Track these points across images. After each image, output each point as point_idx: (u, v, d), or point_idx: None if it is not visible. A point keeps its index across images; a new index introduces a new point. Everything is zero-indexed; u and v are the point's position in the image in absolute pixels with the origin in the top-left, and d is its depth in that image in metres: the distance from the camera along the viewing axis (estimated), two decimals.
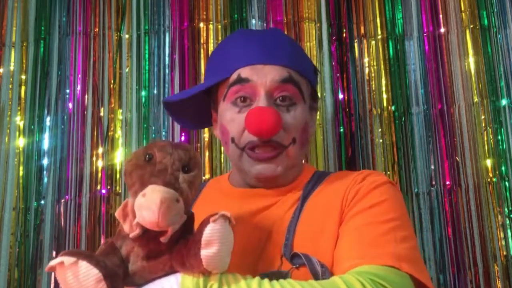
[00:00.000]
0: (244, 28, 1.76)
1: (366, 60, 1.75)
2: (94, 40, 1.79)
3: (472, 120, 1.67)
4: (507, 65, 1.69)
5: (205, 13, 1.79)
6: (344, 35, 1.76)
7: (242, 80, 1.01)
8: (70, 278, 0.72)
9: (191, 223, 0.83)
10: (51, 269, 0.74)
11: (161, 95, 1.75)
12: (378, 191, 0.97)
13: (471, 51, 1.71)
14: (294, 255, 0.91)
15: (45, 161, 1.70)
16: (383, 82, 1.73)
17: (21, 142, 1.71)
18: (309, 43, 1.75)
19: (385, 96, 1.72)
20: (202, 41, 1.78)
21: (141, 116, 1.73)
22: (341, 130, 1.70)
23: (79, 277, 0.72)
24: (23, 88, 1.75)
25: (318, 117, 1.63)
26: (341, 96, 1.72)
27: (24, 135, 1.72)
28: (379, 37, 1.76)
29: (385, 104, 1.71)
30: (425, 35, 1.75)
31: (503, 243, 1.58)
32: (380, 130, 1.70)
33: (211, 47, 1.77)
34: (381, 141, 1.69)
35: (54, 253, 1.63)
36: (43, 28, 1.79)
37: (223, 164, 1.69)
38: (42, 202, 1.67)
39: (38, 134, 1.71)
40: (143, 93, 1.75)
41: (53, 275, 1.62)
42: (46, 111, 1.73)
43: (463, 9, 1.74)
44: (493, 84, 1.68)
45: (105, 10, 1.80)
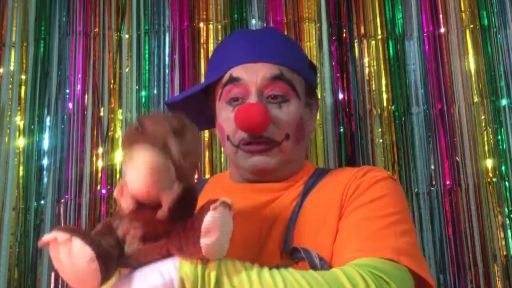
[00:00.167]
0: (244, 28, 1.76)
1: (366, 60, 1.75)
2: (94, 40, 1.78)
3: (472, 120, 1.67)
4: (507, 65, 1.69)
5: (205, 13, 1.79)
6: (344, 35, 1.76)
7: (234, 79, 1.02)
8: (62, 255, 0.71)
9: (190, 203, 0.80)
10: (44, 244, 0.72)
11: (161, 95, 1.75)
12: (378, 186, 0.97)
13: (471, 51, 1.71)
14: (293, 249, 0.91)
15: (45, 161, 1.70)
16: (383, 82, 1.73)
17: (21, 142, 1.71)
18: (309, 43, 1.75)
19: (385, 96, 1.72)
20: (202, 41, 1.78)
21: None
22: (341, 130, 1.70)
23: (72, 255, 0.70)
24: (23, 88, 1.75)
25: (318, 117, 1.63)
26: (341, 96, 1.72)
27: (24, 135, 1.72)
28: (379, 37, 1.76)
29: (385, 104, 1.71)
30: (425, 35, 1.75)
31: (503, 243, 1.58)
32: (380, 130, 1.70)
33: (211, 47, 1.77)
34: (381, 141, 1.69)
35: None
36: (43, 28, 1.79)
37: (223, 164, 1.68)
38: (42, 202, 1.67)
39: (38, 134, 1.71)
40: (143, 93, 1.75)
41: (53, 275, 1.62)
42: (46, 111, 1.73)
43: (463, 9, 1.74)
44: (493, 84, 1.68)
45: (105, 10, 1.80)
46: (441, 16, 1.75)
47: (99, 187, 1.69)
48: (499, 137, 1.65)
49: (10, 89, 1.74)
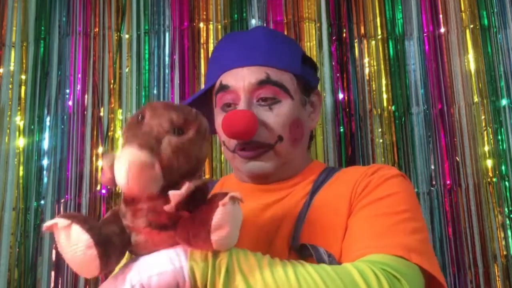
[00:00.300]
0: (244, 28, 1.76)
1: (366, 60, 1.75)
2: (94, 40, 1.79)
3: (472, 120, 1.67)
4: (507, 65, 1.69)
5: (205, 13, 1.79)
6: (344, 35, 1.76)
7: (223, 87, 1.02)
8: (62, 240, 0.72)
9: (199, 195, 0.78)
10: (48, 229, 0.73)
11: (161, 95, 1.75)
12: (388, 184, 0.96)
13: (471, 51, 1.71)
14: (301, 246, 0.91)
15: (45, 161, 1.70)
16: (383, 82, 1.73)
17: (21, 142, 1.71)
18: (309, 43, 1.75)
19: (385, 96, 1.72)
20: (202, 41, 1.78)
21: None
22: (341, 130, 1.70)
23: (71, 241, 0.71)
24: (23, 88, 1.75)
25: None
26: (341, 96, 1.72)
27: (24, 135, 1.72)
28: (379, 37, 1.76)
29: (385, 104, 1.71)
30: (425, 35, 1.75)
31: (503, 243, 1.58)
32: (380, 130, 1.70)
33: (211, 47, 1.77)
34: (381, 141, 1.69)
35: (54, 253, 1.64)
36: (43, 28, 1.79)
37: (223, 164, 1.69)
38: (42, 202, 1.67)
39: (38, 134, 1.71)
40: (143, 93, 1.75)
41: (53, 275, 1.62)
42: (46, 111, 1.73)
43: (463, 9, 1.74)
44: (493, 84, 1.68)
45: (105, 10, 1.80)
46: (441, 16, 1.75)
47: (99, 187, 1.69)
48: (499, 137, 1.65)
49: (10, 89, 1.74)
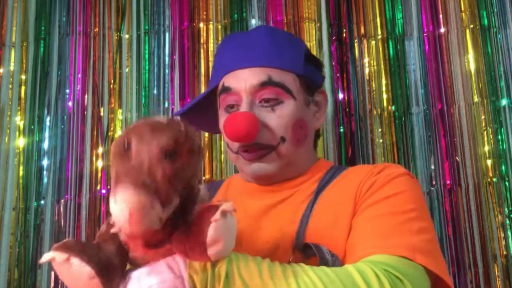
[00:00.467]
0: (244, 28, 1.76)
1: (366, 60, 1.75)
2: (94, 40, 1.79)
3: (472, 120, 1.67)
4: (507, 65, 1.69)
5: (205, 13, 1.79)
6: (344, 35, 1.76)
7: (226, 89, 1.02)
8: (63, 273, 0.73)
9: (189, 203, 0.77)
10: (43, 263, 0.74)
11: (161, 95, 1.75)
12: (394, 183, 0.95)
13: (471, 51, 1.71)
14: (305, 246, 0.91)
15: (45, 161, 1.70)
16: (383, 82, 1.73)
17: (21, 142, 1.71)
18: (309, 43, 1.75)
19: (385, 96, 1.72)
20: (202, 41, 1.78)
21: (141, 116, 1.73)
22: (341, 130, 1.70)
23: (72, 274, 0.72)
24: (23, 88, 1.75)
25: None
26: (341, 96, 1.72)
27: (24, 135, 1.72)
28: (379, 37, 1.76)
29: (385, 104, 1.71)
30: (425, 35, 1.75)
31: (503, 243, 1.58)
32: (380, 130, 1.70)
33: (211, 47, 1.77)
34: (381, 141, 1.69)
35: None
36: (43, 28, 1.79)
37: (223, 164, 1.68)
38: (42, 202, 1.67)
39: (38, 134, 1.72)
40: (143, 93, 1.75)
41: (53, 275, 1.62)
42: (46, 111, 1.73)
43: (463, 9, 1.74)
44: (493, 84, 1.68)
45: (105, 10, 1.80)
46: (441, 16, 1.75)
47: (99, 187, 1.69)
48: (499, 137, 1.65)
49: (10, 89, 1.74)
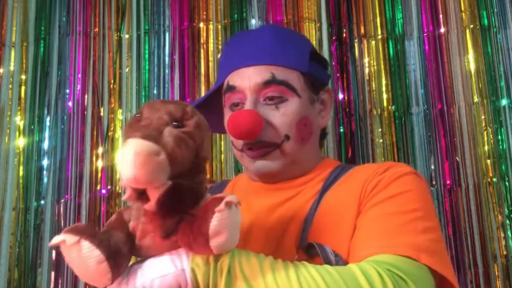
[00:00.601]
0: (244, 28, 1.76)
1: (366, 60, 1.75)
2: (94, 40, 1.79)
3: (472, 120, 1.67)
4: (507, 65, 1.69)
5: (205, 13, 1.79)
6: (344, 35, 1.76)
7: (230, 87, 1.02)
8: (72, 256, 0.73)
9: (188, 195, 0.78)
10: (54, 245, 0.74)
11: (161, 95, 1.75)
12: (400, 182, 0.94)
13: (471, 51, 1.71)
14: (309, 245, 0.90)
15: (45, 161, 1.70)
16: (383, 82, 1.73)
17: (21, 142, 1.71)
18: None
19: (385, 96, 1.72)
20: (202, 41, 1.78)
21: None
22: (341, 130, 1.70)
23: (81, 257, 0.72)
24: (23, 88, 1.75)
25: None
26: (341, 96, 1.72)
27: (24, 135, 1.72)
28: (379, 37, 1.76)
29: (385, 104, 1.71)
30: (425, 35, 1.75)
31: (503, 243, 1.58)
32: (380, 130, 1.70)
33: (211, 47, 1.77)
34: (381, 141, 1.69)
35: (54, 253, 1.64)
36: (43, 28, 1.79)
37: (223, 164, 1.69)
38: (42, 202, 1.67)
39: (38, 134, 1.72)
40: (143, 93, 1.75)
41: (53, 274, 1.62)
42: (46, 111, 1.73)
43: (463, 9, 1.74)
44: (493, 84, 1.68)
45: (105, 10, 1.81)
46: (441, 16, 1.75)
47: (99, 187, 1.69)
48: (499, 137, 1.65)
49: (10, 89, 1.75)
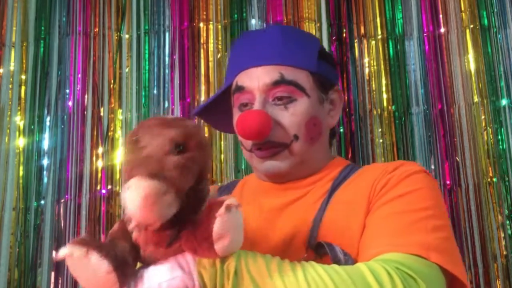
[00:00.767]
0: (244, 28, 1.76)
1: (366, 60, 1.75)
2: (94, 40, 1.79)
3: (472, 120, 1.67)
4: (507, 65, 1.69)
5: (205, 13, 1.79)
6: (344, 35, 1.76)
7: (239, 88, 1.02)
8: (80, 268, 0.73)
9: (199, 200, 0.78)
10: (60, 259, 0.74)
11: (161, 95, 1.75)
12: (409, 180, 0.93)
13: (471, 51, 1.71)
14: (318, 244, 0.90)
15: (45, 161, 1.70)
16: (383, 82, 1.73)
17: (21, 142, 1.71)
18: None
19: (385, 96, 1.72)
20: (202, 41, 1.78)
21: (141, 116, 1.73)
22: (341, 130, 1.70)
23: (89, 269, 0.72)
24: (23, 88, 1.75)
25: None
26: None
27: (24, 135, 1.72)
28: (379, 37, 1.76)
29: (385, 104, 1.71)
30: (425, 35, 1.75)
31: (503, 243, 1.58)
32: (380, 130, 1.70)
33: (211, 47, 1.77)
34: (381, 141, 1.69)
35: (54, 253, 1.64)
36: (43, 28, 1.79)
37: (223, 164, 1.68)
38: (42, 202, 1.67)
39: (38, 134, 1.71)
40: (143, 93, 1.75)
41: (53, 275, 1.62)
42: (46, 111, 1.73)
43: (463, 9, 1.74)
44: (493, 84, 1.68)
45: (105, 10, 1.80)
46: (441, 16, 1.75)
47: (99, 187, 1.69)
48: (499, 137, 1.65)
49: (10, 89, 1.74)
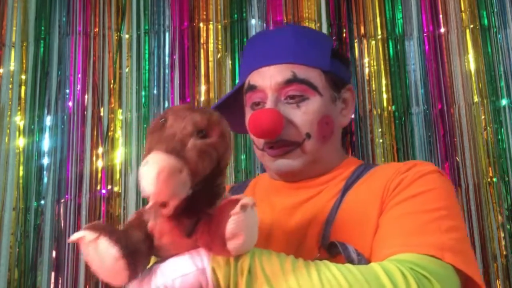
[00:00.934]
0: (244, 28, 1.76)
1: (366, 60, 1.75)
2: (94, 40, 1.79)
3: (472, 120, 1.67)
4: (507, 65, 1.69)
5: (205, 13, 1.79)
6: (344, 35, 1.76)
7: (251, 87, 1.02)
8: (90, 253, 0.73)
9: (204, 199, 0.78)
10: (74, 242, 0.74)
11: (161, 95, 1.75)
12: (423, 180, 0.93)
13: (471, 51, 1.71)
14: (331, 244, 0.90)
15: (45, 161, 1.70)
16: (383, 82, 1.73)
17: (21, 142, 1.71)
18: None
19: (385, 96, 1.72)
20: (202, 41, 1.78)
21: (141, 116, 1.73)
22: (341, 130, 1.70)
23: (99, 254, 0.73)
24: (23, 88, 1.75)
25: None
26: None
27: (24, 135, 1.72)
28: (379, 37, 1.76)
29: (385, 104, 1.71)
30: (425, 35, 1.75)
31: (503, 243, 1.58)
32: (380, 130, 1.70)
33: (211, 47, 1.77)
34: (381, 141, 1.69)
35: (54, 253, 1.64)
36: (43, 28, 1.79)
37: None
38: (42, 202, 1.67)
39: (38, 134, 1.72)
40: (143, 93, 1.75)
41: (53, 275, 1.62)
42: (46, 111, 1.73)
43: (463, 9, 1.74)
44: (493, 84, 1.68)
45: (105, 10, 1.81)
46: (441, 16, 1.75)
47: (99, 187, 1.69)
48: (499, 137, 1.65)
49: (10, 89, 1.75)
